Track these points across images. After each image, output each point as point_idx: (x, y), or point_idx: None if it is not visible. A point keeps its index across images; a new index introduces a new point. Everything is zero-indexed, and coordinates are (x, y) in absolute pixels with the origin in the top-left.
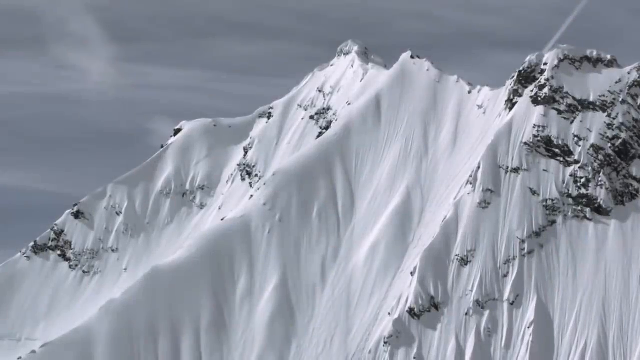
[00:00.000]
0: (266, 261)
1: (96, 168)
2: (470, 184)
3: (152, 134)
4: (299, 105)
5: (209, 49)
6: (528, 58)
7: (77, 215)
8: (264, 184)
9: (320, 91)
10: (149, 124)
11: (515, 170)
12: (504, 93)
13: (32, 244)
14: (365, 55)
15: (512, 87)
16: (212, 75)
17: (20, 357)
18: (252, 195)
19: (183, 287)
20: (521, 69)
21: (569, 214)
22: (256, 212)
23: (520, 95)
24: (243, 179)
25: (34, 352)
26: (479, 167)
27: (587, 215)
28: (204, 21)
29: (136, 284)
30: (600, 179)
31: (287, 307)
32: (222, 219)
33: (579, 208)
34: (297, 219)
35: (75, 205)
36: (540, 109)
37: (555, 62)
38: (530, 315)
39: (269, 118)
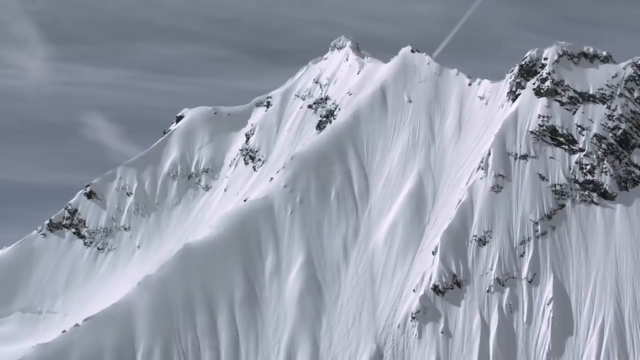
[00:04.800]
0: (290, 240)
1: (34, 157)
2: (482, 169)
3: (84, 126)
4: (296, 95)
5: (133, 51)
6: (528, 53)
7: (90, 195)
8: (283, 167)
9: (316, 82)
10: (81, 117)
11: (524, 157)
12: (504, 85)
13: (47, 222)
14: (357, 49)
15: (515, 80)
16: (136, 74)
17: (64, 331)
18: (272, 178)
19: (215, 265)
20: (522, 63)
21: (577, 198)
22: (278, 194)
23: (523, 88)
24: (246, 163)
25: (77, 325)
26: (489, 154)
27: (594, 200)
28: (130, 26)
29: (170, 260)
30: (604, 166)
31: (315, 284)
32: (244, 200)
33: (586, 193)
34: (317, 200)
35: (88, 186)
36: (543, 100)
37: (555, 57)
38: (548, 293)
39: (267, 107)
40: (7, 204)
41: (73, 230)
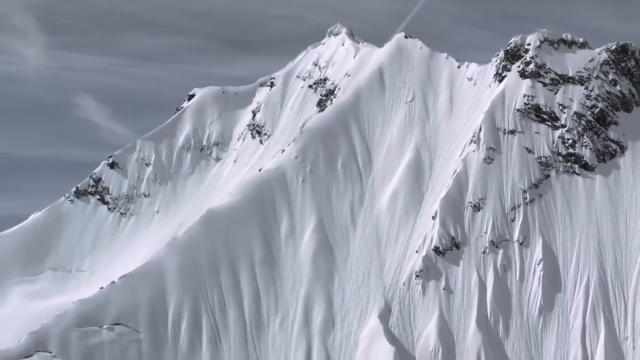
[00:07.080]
0: (302, 206)
1: (32, 134)
2: (475, 142)
3: (76, 106)
4: (297, 76)
5: (120, 40)
6: (513, 39)
7: (112, 165)
8: (294, 140)
9: (315, 65)
10: (74, 99)
11: (512, 132)
12: (490, 68)
13: (74, 189)
14: (352, 35)
15: (501, 63)
16: (123, 61)
17: (102, 287)
18: (283, 150)
19: (236, 228)
20: (507, 48)
21: (561, 169)
22: (289, 164)
23: (509, 70)
24: (253, 137)
25: (113, 282)
26: (480, 129)
27: (576, 171)
28: (117, 18)
29: (195, 224)
30: (584, 140)
31: (326, 246)
32: (259, 170)
33: (569, 164)
34: (325, 170)
35: (110, 157)
36: (527, 81)
37: (537, 43)
38: (538, 254)
39: (271, 87)
40: (7, 176)
41: (97, 197)
